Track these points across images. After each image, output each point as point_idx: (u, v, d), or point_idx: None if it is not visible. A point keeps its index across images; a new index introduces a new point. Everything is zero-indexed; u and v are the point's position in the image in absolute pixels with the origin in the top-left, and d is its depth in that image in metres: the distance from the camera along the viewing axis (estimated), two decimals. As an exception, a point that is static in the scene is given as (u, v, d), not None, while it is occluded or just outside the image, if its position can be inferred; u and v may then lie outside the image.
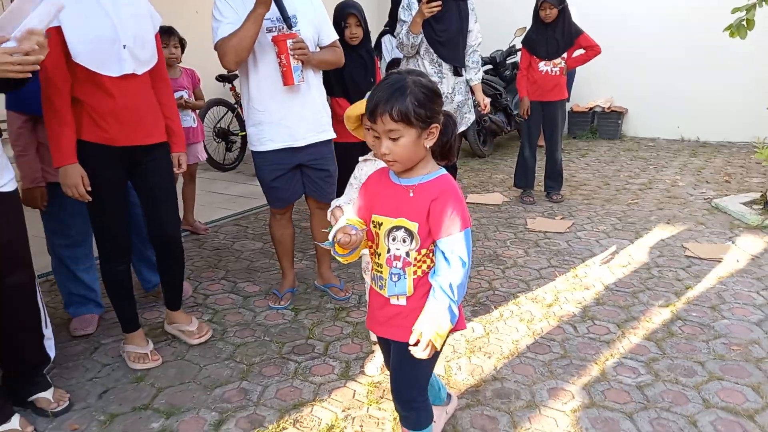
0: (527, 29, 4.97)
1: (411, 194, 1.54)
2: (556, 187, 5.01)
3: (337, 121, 2.91)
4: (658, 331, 2.70)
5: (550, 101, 4.78)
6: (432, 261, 1.57)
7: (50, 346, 2.25)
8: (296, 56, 2.55)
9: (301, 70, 2.63)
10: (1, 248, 1.93)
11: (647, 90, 7.62)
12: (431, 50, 3.71)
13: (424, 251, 1.56)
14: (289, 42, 2.52)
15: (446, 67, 3.75)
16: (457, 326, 1.59)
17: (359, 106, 1.79)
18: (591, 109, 7.92)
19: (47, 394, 2.18)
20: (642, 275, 3.33)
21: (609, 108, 7.87)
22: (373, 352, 2.47)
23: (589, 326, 2.77)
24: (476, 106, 4.11)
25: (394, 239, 1.57)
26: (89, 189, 2.20)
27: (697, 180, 5.56)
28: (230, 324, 2.88)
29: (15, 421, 2.02)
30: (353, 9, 3.30)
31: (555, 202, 4.92)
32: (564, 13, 4.57)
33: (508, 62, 7.28)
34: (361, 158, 2.21)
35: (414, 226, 1.53)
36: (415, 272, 1.56)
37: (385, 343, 1.78)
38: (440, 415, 2.00)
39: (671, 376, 2.33)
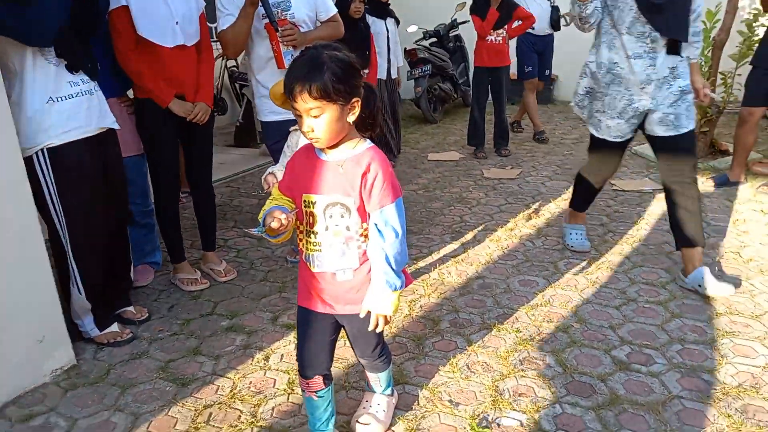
0: (466, 4, 5.78)
1: (341, 170, 1.54)
2: (503, 143, 5.77)
3: None
4: (595, 238, 3.49)
5: (496, 67, 5.51)
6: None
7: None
8: (285, 42, 2.79)
9: (292, 54, 2.82)
10: (118, 183, 2.47)
11: (575, 58, 8.47)
12: (640, 19, 2.66)
13: (365, 224, 1.58)
14: (279, 29, 2.75)
15: (661, 43, 2.68)
16: (405, 285, 1.63)
17: (281, 84, 1.60)
18: (526, 76, 8.74)
19: (131, 309, 2.72)
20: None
21: (541, 75, 8.71)
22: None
23: (543, 240, 3.53)
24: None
25: (331, 216, 1.56)
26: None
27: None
28: (255, 258, 3.45)
29: (115, 326, 2.56)
30: None
31: (504, 156, 5.68)
32: None
33: (450, 35, 7.94)
34: (291, 128, 2.36)
35: (349, 201, 1.54)
36: (359, 245, 1.60)
37: (314, 320, 1.72)
38: (392, 408, 2.00)
39: (605, 264, 3.11)
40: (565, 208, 3.87)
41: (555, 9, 5.91)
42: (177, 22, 2.69)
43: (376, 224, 1.54)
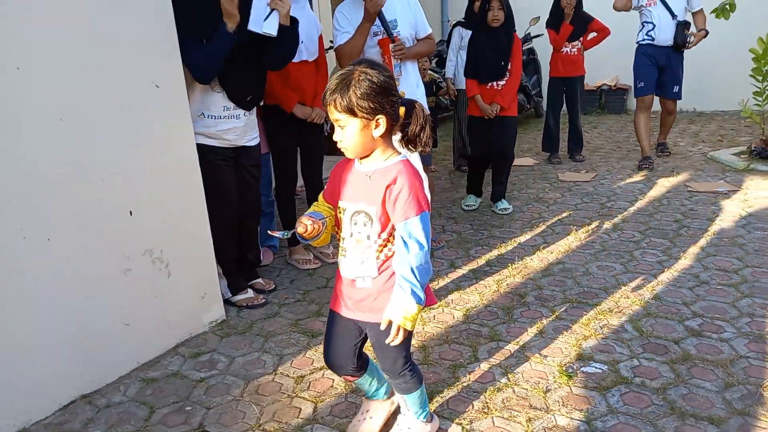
0: (540, 19, 6.14)
1: (369, 180, 1.61)
2: (577, 149, 6.05)
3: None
4: (669, 232, 3.75)
5: (571, 77, 5.82)
6: (393, 245, 1.63)
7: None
8: (396, 56, 3.14)
9: (400, 67, 3.21)
10: (253, 181, 3.00)
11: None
12: None
13: (385, 235, 1.62)
14: (390, 46, 3.11)
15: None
16: (428, 303, 1.63)
17: None
18: (599, 87, 8.95)
19: (260, 281, 3.23)
20: (655, 204, 4.38)
21: (615, 86, 8.90)
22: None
23: (619, 234, 3.82)
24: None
25: (356, 223, 1.64)
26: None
27: (695, 141, 6.60)
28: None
29: (250, 292, 3.07)
30: None
31: (578, 162, 5.95)
32: (579, 3, 5.61)
33: (524, 48, 8.25)
34: None
35: (372, 211, 1.60)
36: (377, 256, 1.63)
37: (339, 322, 1.80)
38: (384, 409, 2.02)
39: (680, 254, 3.38)
40: (640, 207, 4.15)
41: (682, 24, 5.15)
42: (302, 41, 3.21)
43: (401, 236, 1.56)
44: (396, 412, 2.01)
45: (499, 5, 3.91)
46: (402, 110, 1.59)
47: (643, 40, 5.30)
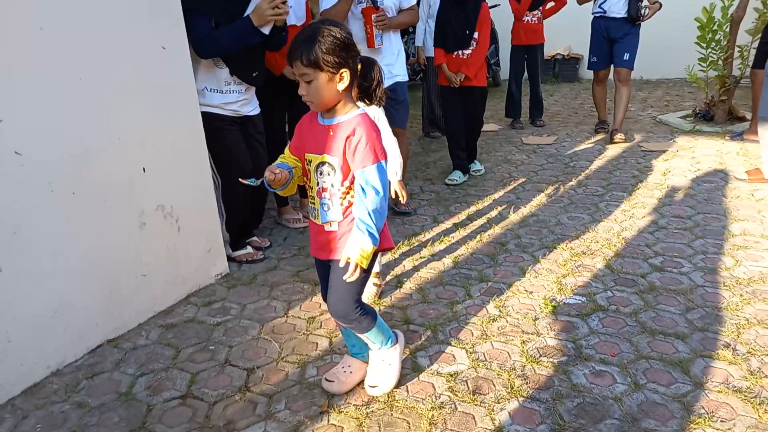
0: None
1: (331, 133, 1.71)
2: (538, 114, 6.37)
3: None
4: (628, 186, 4.10)
5: (531, 44, 6.10)
6: (353, 191, 1.75)
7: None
8: (378, 26, 3.32)
9: (381, 36, 3.38)
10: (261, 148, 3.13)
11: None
12: None
13: (347, 183, 1.73)
14: (373, 16, 3.28)
15: None
16: (383, 246, 1.78)
17: None
18: (553, 56, 9.30)
19: (256, 238, 3.38)
20: (613, 163, 4.74)
21: (568, 55, 9.27)
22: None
23: (583, 189, 4.15)
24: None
25: (321, 173, 1.75)
26: None
27: (643, 106, 7.03)
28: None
29: (249, 248, 3.23)
30: None
31: (539, 126, 6.28)
32: None
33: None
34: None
35: (335, 161, 1.71)
36: (341, 202, 1.75)
37: (320, 267, 1.96)
38: (398, 355, 2.07)
39: (639, 204, 3.72)
40: (600, 166, 4.49)
41: None
42: (291, 6, 3.32)
43: (359, 183, 1.68)
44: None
45: None
46: (359, 66, 1.71)
47: (596, 12, 5.34)
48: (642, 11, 5.08)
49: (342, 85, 1.66)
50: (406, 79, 3.72)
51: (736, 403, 1.89)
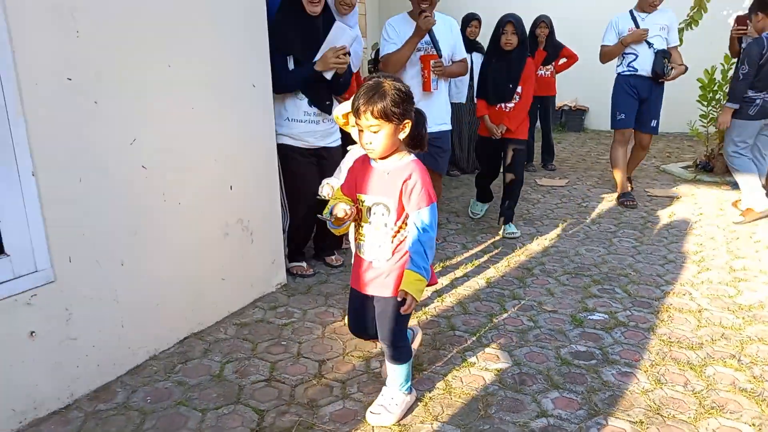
0: None
1: (387, 176, 1.88)
2: (550, 159, 6.84)
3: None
4: (637, 226, 4.51)
5: (545, 95, 6.62)
6: (405, 231, 1.90)
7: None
8: (435, 72, 3.61)
9: (437, 81, 3.70)
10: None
11: (603, 91, 9.56)
12: None
13: (399, 223, 1.89)
14: (432, 62, 3.58)
15: None
16: (431, 282, 1.95)
17: (344, 107, 2.21)
18: (560, 108, 9.87)
19: (333, 257, 3.71)
20: (620, 208, 5.16)
21: (575, 107, 9.84)
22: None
23: (597, 226, 4.55)
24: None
25: (374, 213, 1.90)
26: None
27: (647, 156, 7.51)
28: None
29: (303, 263, 3.59)
30: (512, 18, 3.96)
31: (550, 170, 6.74)
32: (551, 32, 6.40)
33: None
34: (348, 147, 2.70)
35: (390, 202, 1.86)
36: (392, 240, 1.91)
37: (358, 299, 2.11)
38: (406, 405, 2.17)
39: (647, 239, 4.12)
40: (610, 207, 4.92)
41: (661, 53, 4.87)
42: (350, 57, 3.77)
43: (414, 223, 1.84)
44: (412, 408, 2.21)
45: (513, 30, 3.95)
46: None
47: (626, 70, 5.05)
48: (667, 69, 4.87)
49: (404, 134, 1.84)
50: (450, 128, 3.96)
51: (742, 400, 2.25)
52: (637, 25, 4.91)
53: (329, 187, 2.63)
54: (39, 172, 2.02)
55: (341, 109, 2.29)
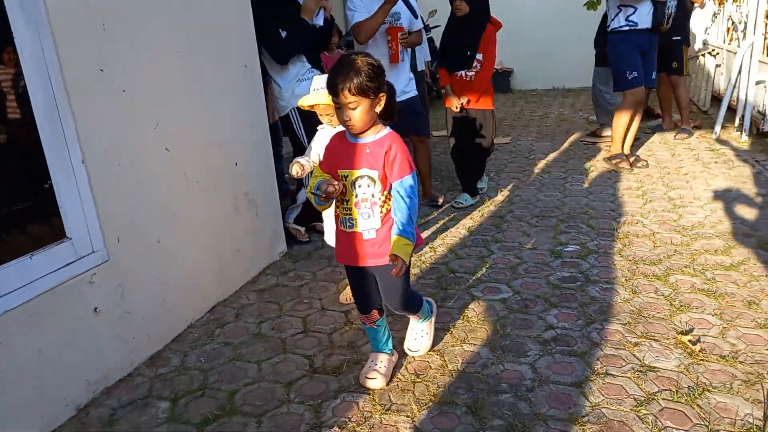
0: (437, 11, 7.27)
1: (368, 150, 1.93)
2: (491, 120, 7.28)
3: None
4: (583, 170, 5.03)
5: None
6: (391, 200, 1.96)
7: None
8: (402, 44, 3.88)
9: (403, 52, 3.92)
10: None
11: (527, 53, 10.17)
12: None
13: (385, 192, 1.96)
14: (399, 34, 3.83)
15: None
16: (417, 243, 1.99)
17: (307, 98, 2.55)
18: (488, 70, 10.35)
19: (320, 223, 3.93)
20: (565, 154, 5.68)
21: (501, 69, 10.37)
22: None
23: (548, 174, 5.03)
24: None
25: (360, 186, 1.95)
26: None
27: (574, 110, 8.15)
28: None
29: (301, 229, 3.81)
30: None
31: (492, 130, 7.19)
32: None
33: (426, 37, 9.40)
34: (319, 126, 2.75)
35: (374, 174, 1.92)
36: (381, 210, 1.98)
37: (356, 272, 2.14)
38: (433, 326, 2.46)
39: (600, 181, 4.64)
40: (555, 157, 5.42)
41: (660, 2, 4.63)
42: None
43: (398, 191, 1.92)
44: (397, 365, 2.37)
45: None
46: None
47: (625, 25, 4.67)
48: (666, 18, 4.66)
49: (379, 108, 1.90)
50: (417, 93, 4.19)
51: (702, 297, 2.74)
52: None
53: (299, 165, 2.63)
54: (87, 160, 2.16)
55: (305, 99, 2.55)
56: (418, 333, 2.41)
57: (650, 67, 4.84)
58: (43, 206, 2.15)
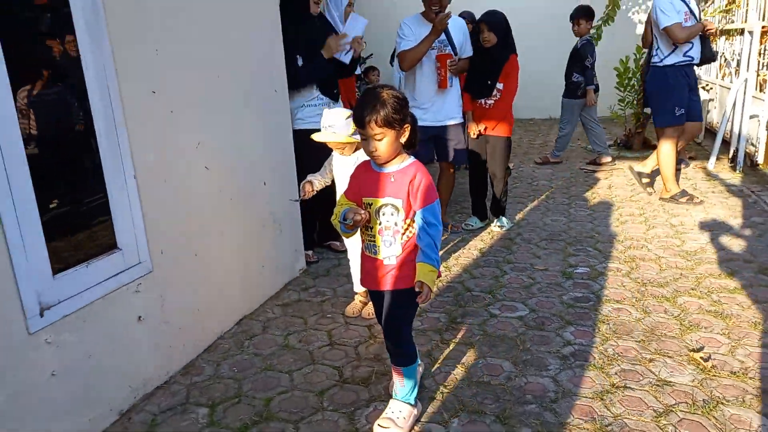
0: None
1: (392, 179, 1.97)
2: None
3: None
4: (586, 198, 5.20)
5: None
6: (413, 228, 1.99)
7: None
8: (451, 70, 3.93)
9: (451, 78, 3.97)
10: None
11: (523, 83, 10.35)
12: None
13: (408, 221, 1.99)
14: (448, 61, 3.87)
15: None
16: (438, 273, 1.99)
17: (320, 136, 2.75)
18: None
19: (336, 242, 4.02)
20: (567, 181, 5.87)
21: (500, 98, 10.64)
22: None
23: (552, 200, 5.20)
24: None
25: (383, 214, 1.99)
26: None
27: (573, 139, 8.37)
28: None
29: (309, 251, 3.93)
30: (484, 17, 4.09)
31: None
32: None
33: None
34: (335, 150, 2.88)
35: (398, 203, 1.96)
36: (402, 238, 2.01)
37: (379, 296, 2.16)
38: (412, 419, 2.15)
39: (601, 208, 4.81)
40: (559, 184, 5.60)
41: (707, 39, 4.67)
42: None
43: (422, 219, 1.94)
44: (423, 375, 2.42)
45: (488, 28, 4.04)
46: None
47: (683, 60, 4.60)
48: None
49: (404, 138, 1.96)
50: (462, 120, 4.25)
51: (710, 318, 2.88)
52: (686, 4, 4.51)
53: (309, 185, 2.87)
54: (139, 176, 2.29)
55: (318, 135, 2.75)
56: (395, 413, 2.11)
57: (699, 102, 4.89)
58: (87, 217, 2.26)
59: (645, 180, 5.41)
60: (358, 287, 3.10)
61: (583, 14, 6.29)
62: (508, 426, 2.13)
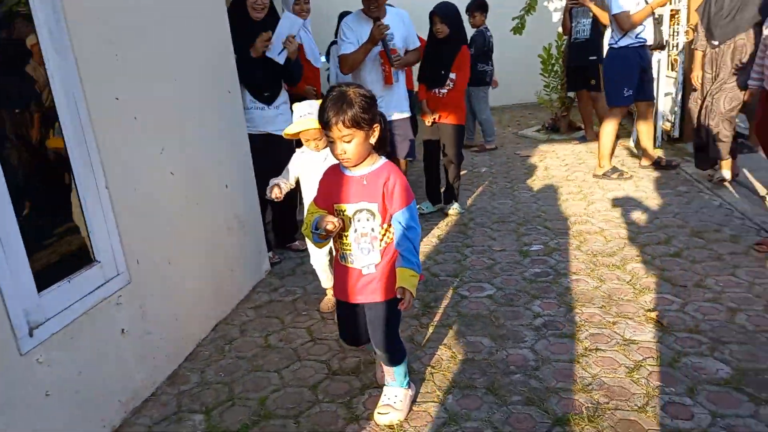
0: None
1: (365, 182, 1.86)
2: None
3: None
4: (526, 179, 5.46)
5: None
6: (390, 232, 1.90)
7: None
8: (395, 66, 3.88)
9: (396, 73, 3.95)
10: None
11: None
12: None
13: (385, 225, 1.89)
14: (393, 56, 3.79)
15: None
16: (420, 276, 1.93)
17: (291, 127, 2.69)
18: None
19: (297, 243, 4.03)
20: (506, 166, 6.12)
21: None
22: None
23: (496, 185, 5.42)
24: None
25: (359, 220, 1.88)
26: None
27: (502, 125, 8.71)
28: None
29: (270, 253, 3.94)
30: (436, 9, 4.17)
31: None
32: None
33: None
34: (297, 149, 2.91)
35: (374, 207, 1.85)
36: (380, 244, 1.91)
37: (347, 309, 2.09)
38: (409, 400, 2.20)
39: (540, 186, 5.07)
40: (498, 170, 5.84)
41: (658, 21, 4.97)
42: (302, 44, 4.12)
43: (399, 222, 1.86)
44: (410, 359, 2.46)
45: (440, 20, 4.15)
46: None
47: (634, 42, 4.83)
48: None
49: (374, 139, 1.84)
50: (410, 114, 4.34)
51: (658, 281, 3.14)
52: None
53: (278, 189, 2.78)
54: (110, 185, 2.24)
55: (293, 127, 2.70)
56: (392, 398, 2.16)
57: (651, 82, 5.18)
58: (65, 231, 2.19)
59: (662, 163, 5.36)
60: (327, 283, 3.14)
61: (477, 7, 6.54)
62: (499, 396, 2.26)
